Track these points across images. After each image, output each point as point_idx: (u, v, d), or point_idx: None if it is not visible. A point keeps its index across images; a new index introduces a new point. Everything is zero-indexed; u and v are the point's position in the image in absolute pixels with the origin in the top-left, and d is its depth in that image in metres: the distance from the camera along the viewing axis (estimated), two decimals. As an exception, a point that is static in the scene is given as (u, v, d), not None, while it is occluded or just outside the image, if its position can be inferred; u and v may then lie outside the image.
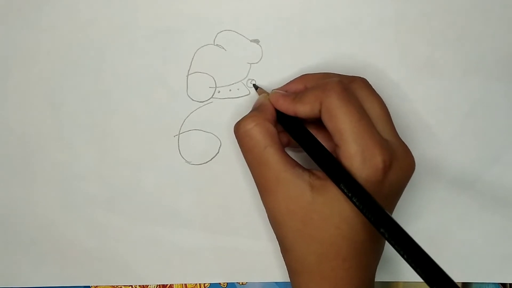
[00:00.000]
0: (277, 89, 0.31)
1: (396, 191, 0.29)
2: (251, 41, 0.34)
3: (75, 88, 0.35)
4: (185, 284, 0.36)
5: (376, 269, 0.30)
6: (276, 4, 0.34)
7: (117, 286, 0.36)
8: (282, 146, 0.29)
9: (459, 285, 0.36)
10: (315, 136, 0.29)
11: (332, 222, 0.27)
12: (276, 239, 0.30)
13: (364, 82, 0.30)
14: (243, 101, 0.34)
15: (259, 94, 0.33)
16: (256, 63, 0.34)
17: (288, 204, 0.27)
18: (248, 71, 0.34)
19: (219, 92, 0.34)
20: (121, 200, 0.35)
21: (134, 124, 0.35)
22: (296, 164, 0.28)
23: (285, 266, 0.35)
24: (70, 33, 0.34)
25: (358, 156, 0.26)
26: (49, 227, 0.36)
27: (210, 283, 0.36)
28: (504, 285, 0.36)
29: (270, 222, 0.29)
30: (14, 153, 0.35)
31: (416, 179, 0.34)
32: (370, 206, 0.25)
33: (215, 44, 0.34)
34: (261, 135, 0.28)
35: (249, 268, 0.36)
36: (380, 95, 0.29)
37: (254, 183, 0.29)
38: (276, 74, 0.34)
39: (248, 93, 0.34)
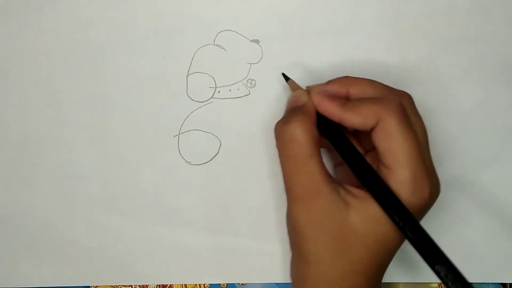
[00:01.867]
0: (314, 87, 0.29)
1: (424, 215, 0.28)
2: (251, 41, 0.34)
3: (75, 88, 0.35)
4: (185, 285, 0.36)
5: None
6: (276, 4, 0.34)
7: (117, 286, 0.36)
8: (321, 157, 0.27)
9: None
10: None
11: (365, 242, 0.26)
12: (290, 247, 0.29)
13: (411, 100, 0.29)
14: (243, 101, 0.34)
15: (291, 88, 0.31)
16: (256, 63, 0.34)
17: (323, 219, 0.26)
18: (248, 71, 0.34)
19: (219, 92, 0.34)
20: (121, 200, 0.35)
21: (134, 124, 0.35)
22: (332, 178, 0.27)
23: (285, 266, 0.35)
24: (70, 33, 0.34)
25: (410, 184, 0.25)
26: (49, 227, 0.36)
27: (210, 284, 0.36)
28: (504, 285, 0.36)
29: (291, 231, 0.28)
30: (14, 153, 0.35)
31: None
32: (423, 241, 0.25)
33: (215, 44, 0.34)
34: (309, 142, 0.26)
35: (249, 268, 0.36)
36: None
37: (254, 184, 0.29)
38: (276, 74, 0.34)
39: (248, 93, 0.34)
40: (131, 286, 0.36)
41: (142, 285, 0.36)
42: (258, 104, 0.34)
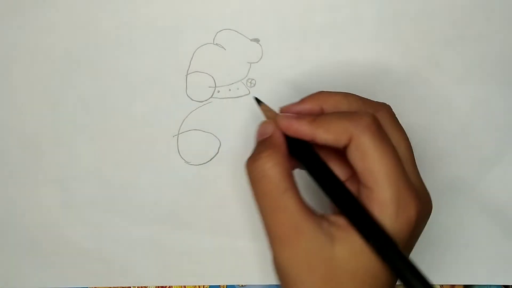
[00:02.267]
0: (285, 107, 0.28)
1: (418, 237, 0.27)
2: (251, 40, 0.34)
3: (75, 88, 0.35)
4: (184, 286, 0.36)
5: None
6: (276, 4, 0.34)
7: (116, 286, 0.36)
8: (298, 190, 0.25)
9: (461, 287, 0.35)
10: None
11: (357, 278, 0.24)
12: None
13: (389, 113, 0.27)
14: (243, 101, 0.34)
15: (263, 112, 0.29)
16: (256, 62, 0.34)
17: (308, 259, 0.24)
18: (248, 71, 0.34)
19: (218, 91, 0.34)
20: (120, 201, 0.35)
21: (133, 124, 0.35)
22: (313, 211, 0.25)
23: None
24: (70, 33, 0.34)
25: (393, 204, 0.23)
26: (48, 228, 0.36)
27: (209, 285, 0.36)
28: (506, 287, 0.35)
29: (277, 273, 0.26)
30: (14, 153, 0.35)
31: (417, 179, 0.34)
32: (406, 269, 0.23)
33: (215, 43, 0.34)
34: (281, 176, 0.25)
35: (248, 270, 0.35)
36: (403, 128, 0.27)
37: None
38: (276, 74, 0.34)
39: (248, 92, 0.34)
40: (130, 287, 0.36)
41: (141, 287, 0.36)
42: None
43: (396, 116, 0.34)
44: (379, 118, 0.25)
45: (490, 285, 0.35)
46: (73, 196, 0.35)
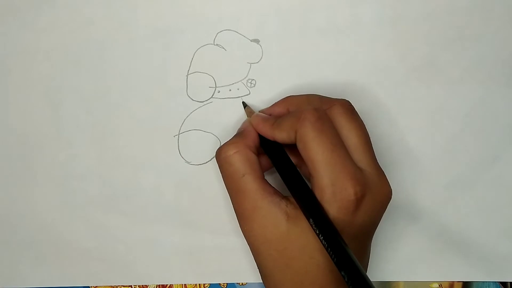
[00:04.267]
0: (262, 110, 0.32)
1: (371, 222, 0.28)
2: (251, 40, 0.34)
3: (75, 88, 0.35)
4: (185, 284, 0.36)
5: None
6: (276, 4, 0.34)
7: (116, 286, 0.36)
8: (262, 174, 0.29)
9: (460, 284, 0.36)
10: (296, 163, 0.29)
11: (306, 251, 0.27)
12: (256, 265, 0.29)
13: (344, 107, 0.29)
14: (243, 101, 0.34)
15: (247, 113, 0.33)
16: (256, 62, 0.34)
17: (264, 233, 0.27)
18: (248, 71, 0.34)
19: (219, 92, 0.34)
20: (121, 200, 0.35)
21: (133, 124, 0.35)
22: (274, 192, 0.28)
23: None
24: (70, 32, 0.34)
25: (329, 188, 0.26)
26: (49, 227, 0.36)
27: (210, 284, 0.36)
28: (504, 284, 0.36)
29: (250, 248, 0.29)
30: (14, 153, 0.35)
31: (416, 179, 0.34)
32: (334, 246, 0.25)
33: (215, 43, 0.34)
34: (240, 162, 0.28)
35: (249, 268, 0.36)
36: (361, 119, 0.29)
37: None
38: (276, 74, 0.34)
39: (248, 93, 0.34)
40: (131, 286, 0.36)
41: (142, 285, 0.36)
42: (258, 104, 0.34)
43: (396, 116, 0.34)
44: (332, 112, 0.28)
45: (489, 282, 0.35)
46: (73, 196, 0.35)
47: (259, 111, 0.31)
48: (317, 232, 0.25)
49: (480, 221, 0.35)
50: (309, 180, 0.28)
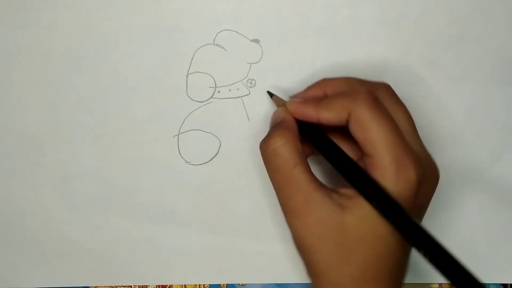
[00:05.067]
0: (295, 95, 0.31)
1: (426, 204, 0.28)
2: (251, 40, 0.34)
3: (75, 88, 0.35)
4: (185, 285, 0.36)
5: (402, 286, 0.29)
6: (276, 4, 0.34)
7: (116, 286, 0.36)
8: (309, 165, 0.27)
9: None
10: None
11: (366, 242, 0.26)
12: (303, 263, 0.28)
13: (389, 90, 0.29)
14: (243, 101, 0.34)
15: (276, 103, 0.32)
16: (256, 62, 0.34)
17: (320, 227, 0.26)
18: (248, 71, 0.34)
19: (219, 92, 0.34)
20: (121, 200, 0.35)
21: (133, 124, 0.35)
22: (323, 185, 0.27)
23: (285, 266, 0.35)
24: (70, 32, 0.34)
25: (393, 167, 0.25)
26: (49, 227, 0.36)
27: (209, 284, 0.36)
28: (505, 285, 0.36)
29: (297, 246, 0.28)
30: (14, 153, 0.35)
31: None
32: (408, 225, 0.24)
33: (215, 43, 0.34)
34: (291, 153, 0.27)
35: (249, 268, 0.36)
36: (403, 103, 0.29)
37: (254, 185, 0.29)
38: (276, 74, 0.34)
39: (248, 93, 0.34)
40: (131, 286, 0.36)
41: (142, 285, 0.36)
42: (258, 104, 0.34)
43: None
44: (378, 95, 0.27)
45: (489, 284, 0.35)
46: (73, 196, 0.35)
47: (291, 97, 0.30)
48: (385, 214, 0.24)
49: (481, 222, 0.35)
50: (361, 163, 0.27)
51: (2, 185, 0.36)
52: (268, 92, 0.33)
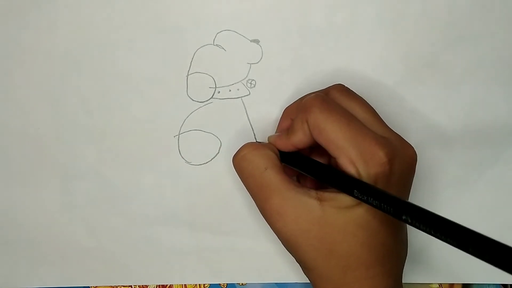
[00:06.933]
0: (271, 135, 0.31)
1: (404, 183, 0.28)
2: (251, 41, 0.34)
3: (75, 88, 0.35)
4: (185, 285, 0.36)
5: (402, 273, 0.29)
6: (276, 4, 0.34)
7: (116, 286, 0.36)
8: (283, 168, 0.28)
9: (460, 286, 0.35)
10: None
11: (348, 231, 0.26)
12: (296, 261, 0.28)
13: (340, 88, 0.29)
14: (243, 101, 0.34)
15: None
16: (256, 63, 0.34)
17: (299, 224, 0.26)
18: (248, 71, 0.34)
19: (219, 92, 0.34)
20: (121, 200, 0.35)
21: (134, 124, 0.35)
22: (298, 184, 0.28)
23: (285, 266, 0.35)
24: (70, 33, 0.34)
25: (359, 158, 0.25)
26: (48, 227, 0.36)
27: (209, 284, 0.36)
28: (505, 286, 0.35)
29: (284, 245, 0.28)
30: (14, 153, 0.35)
31: (416, 179, 0.34)
32: (386, 200, 0.24)
33: (215, 44, 0.34)
34: (259, 158, 0.28)
35: (249, 268, 0.36)
36: (360, 95, 0.29)
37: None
38: (276, 74, 0.34)
39: (248, 93, 0.34)
40: (131, 286, 0.36)
41: (142, 285, 0.36)
42: (258, 104, 0.34)
43: (396, 116, 0.34)
44: (330, 96, 0.28)
45: (489, 284, 0.35)
46: (73, 196, 0.35)
47: (268, 137, 0.31)
48: (365, 198, 0.25)
49: (481, 222, 0.35)
50: (335, 166, 0.27)
51: (2, 185, 0.36)
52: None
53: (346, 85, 0.30)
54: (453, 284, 0.35)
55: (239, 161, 0.28)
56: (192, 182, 0.35)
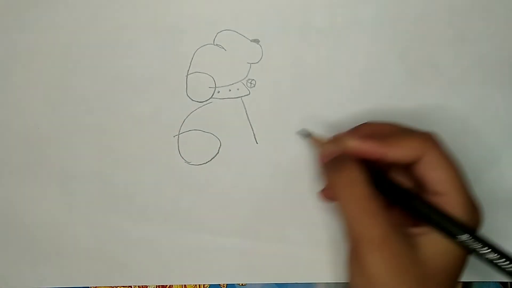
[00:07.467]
0: (343, 135, 0.30)
1: None
2: (251, 40, 0.34)
3: (75, 88, 0.35)
4: (185, 285, 0.36)
5: None
6: (276, 4, 0.34)
7: (116, 286, 0.36)
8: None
9: (460, 284, 0.35)
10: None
11: (448, 273, 0.27)
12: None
13: (440, 138, 0.29)
14: (243, 101, 0.34)
15: (315, 143, 0.32)
16: (256, 63, 0.34)
17: (398, 263, 0.25)
18: (248, 71, 0.34)
19: (218, 92, 0.34)
20: (121, 200, 0.35)
21: (133, 124, 0.35)
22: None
23: (285, 266, 0.35)
24: (70, 33, 0.34)
25: (466, 206, 0.27)
26: (48, 227, 0.36)
27: (209, 284, 0.36)
28: (504, 284, 0.35)
29: (363, 281, 0.26)
30: (14, 153, 0.35)
31: (416, 179, 0.34)
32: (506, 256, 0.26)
33: (215, 43, 0.34)
34: (367, 183, 0.27)
35: (249, 269, 0.35)
36: None
37: (254, 185, 0.29)
38: (276, 74, 0.34)
39: (248, 93, 0.34)
40: (131, 286, 0.36)
41: (142, 286, 0.36)
42: (258, 104, 0.34)
43: (396, 116, 0.34)
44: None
45: (489, 283, 0.35)
46: (73, 196, 0.35)
47: (334, 135, 0.30)
48: (479, 245, 0.26)
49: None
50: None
51: (2, 185, 0.35)
52: (303, 131, 0.33)
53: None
54: (453, 283, 0.35)
55: (347, 183, 0.27)
56: (191, 182, 0.35)
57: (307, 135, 0.32)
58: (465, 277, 0.35)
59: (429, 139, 0.28)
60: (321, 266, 0.34)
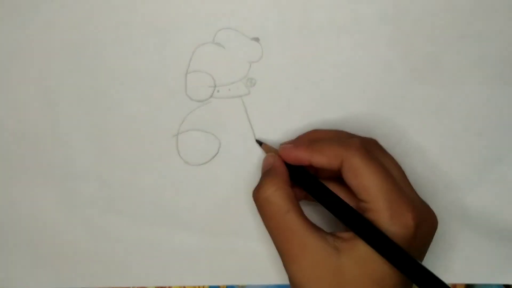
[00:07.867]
0: (285, 143, 0.32)
1: (423, 251, 0.29)
2: (251, 39, 0.34)
3: (73, 87, 0.35)
4: (184, 286, 0.36)
5: None
6: (276, 2, 0.33)
7: (115, 287, 0.36)
8: (302, 210, 0.28)
9: (462, 286, 0.35)
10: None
11: (364, 283, 0.26)
12: None
13: (377, 144, 0.30)
14: (243, 101, 0.34)
15: (265, 151, 0.33)
16: (256, 61, 0.34)
17: (315, 270, 0.27)
18: (248, 70, 0.34)
19: (218, 91, 0.34)
20: (119, 201, 0.35)
21: (132, 124, 0.35)
22: (318, 228, 0.28)
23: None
24: (68, 31, 0.34)
25: (387, 211, 0.26)
26: (47, 228, 0.36)
27: (209, 286, 0.36)
28: (507, 286, 0.35)
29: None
30: (12, 153, 0.35)
31: (417, 179, 0.34)
32: (410, 264, 0.25)
33: (215, 42, 0.34)
34: (282, 200, 0.28)
35: (248, 270, 0.36)
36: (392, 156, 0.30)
37: (254, 185, 0.29)
38: (277, 73, 0.34)
39: (248, 92, 0.34)
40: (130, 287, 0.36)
41: (141, 287, 0.36)
42: (258, 104, 0.34)
43: (396, 115, 0.34)
44: (370, 148, 0.29)
45: (492, 285, 0.35)
46: (71, 196, 0.35)
47: (281, 144, 0.31)
48: (384, 253, 0.25)
49: (483, 222, 0.35)
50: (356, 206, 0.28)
51: (1, 186, 0.35)
52: (257, 140, 0.34)
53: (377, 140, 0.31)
54: (455, 284, 0.35)
55: (262, 202, 0.29)
56: (191, 182, 0.35)
57: (260, 144, 0.34)
58: (467, 279, 0.35)
59: (351, 147, 0.28)
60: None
